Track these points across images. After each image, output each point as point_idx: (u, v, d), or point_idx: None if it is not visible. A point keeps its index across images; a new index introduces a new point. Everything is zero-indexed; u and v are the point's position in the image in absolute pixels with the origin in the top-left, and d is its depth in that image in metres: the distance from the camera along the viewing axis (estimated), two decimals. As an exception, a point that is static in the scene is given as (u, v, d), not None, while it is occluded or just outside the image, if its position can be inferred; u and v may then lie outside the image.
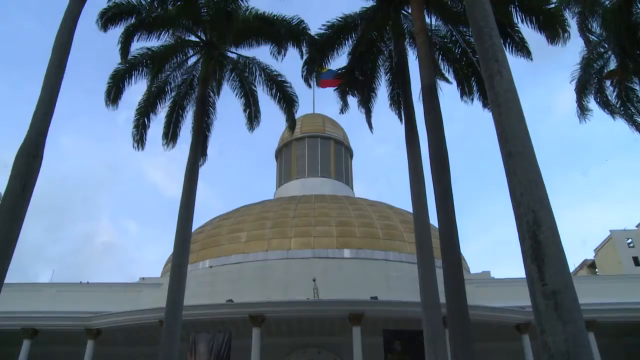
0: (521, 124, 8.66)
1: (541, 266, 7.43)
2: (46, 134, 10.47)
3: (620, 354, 24.87)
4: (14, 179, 9.37)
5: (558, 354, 6.86)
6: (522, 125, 8.64)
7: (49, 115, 10.65)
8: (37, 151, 9.94)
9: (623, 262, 55.17)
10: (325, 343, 25.44)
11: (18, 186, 9.06)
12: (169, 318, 15.25)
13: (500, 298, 24.75)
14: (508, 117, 8.70)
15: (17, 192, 8.98)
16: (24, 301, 25.51)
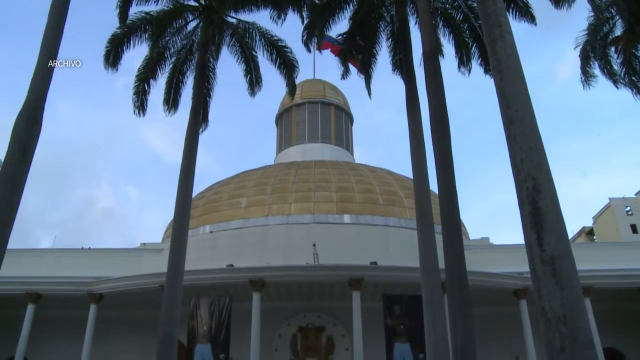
0: (523, 90, 8.61)
1: (540, 232, 7.47)
2: (45, 99, 10.41)
3: (615, 319, 25.22)
4: (14, 144, 9.35)
5: (555, 319, 6.94)
6: (523, 92, 8.59)
7: (47, 80, 10.56)
8: (36, 116, 9.89)
9: (621, 230, 55.48)
10: (325, 307, 25.73)
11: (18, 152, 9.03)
12: (170, 283, 15.38)
13: (499, 264, 24.99)
14: (510, 83, 8.64)
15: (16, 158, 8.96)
16: (27, 266, 25.77)
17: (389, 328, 22.06)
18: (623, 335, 25.87)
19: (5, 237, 8.94)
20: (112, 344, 25.86)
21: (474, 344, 11.50)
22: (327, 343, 25.40)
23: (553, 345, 6.86)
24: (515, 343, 24.43)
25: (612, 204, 58.08)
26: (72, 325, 25.39)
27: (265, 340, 23.71)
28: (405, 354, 21.60)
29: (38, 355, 26.17)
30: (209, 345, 21.93)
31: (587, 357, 6.71)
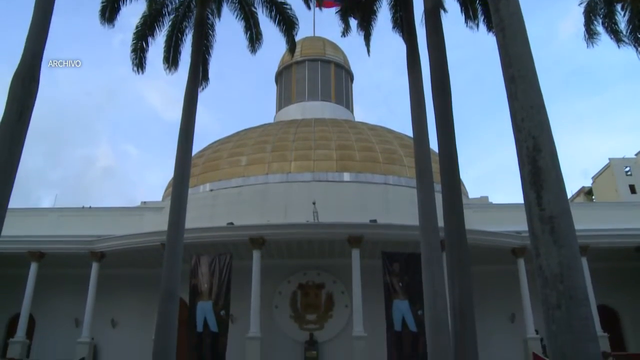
0: (525, 48, 8.50)
1: (540, 191, 7.48)
2: (41, 56, 10.29)
3: (610, 277, 25.51)
4: (11, 103, 9.28)
5: (552, 277, 7.01)
6: (525, 50, 8.49)
7: (42, 37, 10.42)
8: (33, 75, 9.79)
9: (620, 190, 55.53)
10: (325, 265, 25.98)
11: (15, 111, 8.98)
12: (171, 241, 15.48)
13: (498, 223, 25.15)
14: (512, 41, 8.53)
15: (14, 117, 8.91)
16: (29, 226, 25.96)
17: (388, 285, 22.31)
18: (617, 293, 26.21)
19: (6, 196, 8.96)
20: (115, 301, 26.22)
21: (471, 301, 11.65)
22: (327, 300, 25.74)
23: (549, 302, 6.95)
24: (512, 301, 24.77)
25: (611, 164, 57.99)
26: (75, 283, 25.71)
27: (266, 297, 24.02)
28: (404, 311, 21.90)
29: (43, 312, 26.58)
30: (210, 302, 22.22)
31: (581, 314, 6.80)
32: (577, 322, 6.70)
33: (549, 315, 6.92)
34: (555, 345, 6.80)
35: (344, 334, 24.08)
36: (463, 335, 11.28)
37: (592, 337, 6.84)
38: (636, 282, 25.90)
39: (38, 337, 26.29)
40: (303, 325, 25.35)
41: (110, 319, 26.29)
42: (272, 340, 23.65)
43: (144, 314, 24.65)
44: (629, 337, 26.49)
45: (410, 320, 21.84)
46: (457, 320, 11.57)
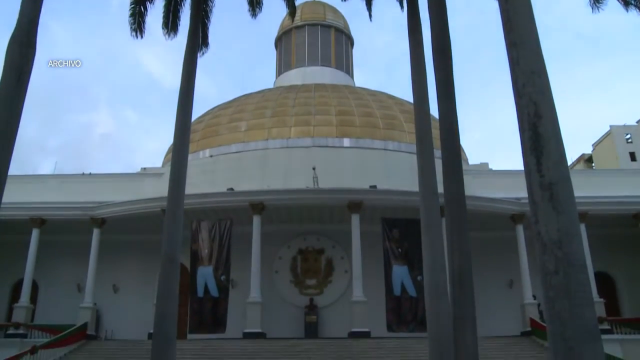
0: (527, 13, 8.36)
1: (539, 158, 7.44)
2: (37, 21, 10.13)
3: (608, 244, 25.65)
4: (8, 69, 9.17)
5: (550, 243, 7.02)
6: (528, 15, 8.35)
7: (38, 2, 10.25)
8: (29, 40, 9.66)
9: (620, 158, 55.41)
10: (325, 230, 26.11)
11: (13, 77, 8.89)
12: (171, 206, 15.48)
13: (497, 189, 25.20)
14: (514, 6, 8.39)
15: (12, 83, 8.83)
16: (30, 192, 26.00)
17: (388, 251, 22.47)
18: (614, 260, 26.41)
19: (6, 163, 8.93)
20: (117, 267, 26.42)
21: (470, 267, 11.71)
22: (327, 265, 25.95)
23: (547, 268, 6.97)
24: (510, 267, 24.96)
25: (612, 132, 57.76)
26: (77, 249, 25.85)
27: (266, 262, 24.20)
28: (403, 276, 22.10)
29: (45, 278, 26.81)
30: (211, 267, 22.42)
31: (579, 280, 6.84)
32: (575, 288, 6.74)
33: (547, 281, 6.96)
34: (552, 311, 6.85)
35: (344, 299, 24.34)
36: (461, 301, 11.38)
37: (588, 303, 6.89)
38: (633, 249, 26.06)
39: (42, 303, 26.58)
40: (303, 290, 25.61)
41: (112, 285, 26.54)
42: (272, 305, 23.90)
43: (145, 280, 24.87)
44: (624, 302, 26.80)
45: (409, 286, 22.06)
46: (455, 285, 11.65)
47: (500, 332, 22.85)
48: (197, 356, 20.29)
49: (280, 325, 23.68)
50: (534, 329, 22.70)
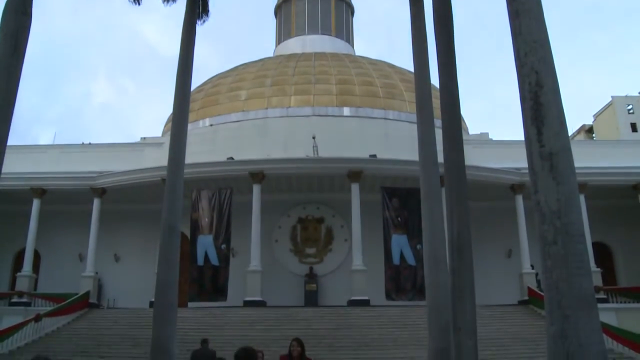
0: (530, -20, 8.26)
1: (540, 127, 7.42)
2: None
3: (606, 215, 25.73)
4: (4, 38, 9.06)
5: (549, 213, 7.05)
6: (531, -19, 8.25)
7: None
8: (25, 8, 9.54)
9: (620, 128, 55.23)
10: (325, 199, 26.18)
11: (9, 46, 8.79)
12: (171, 176, 15.49)
13: (497, 159, 25.16)
14: (517, -27, 8.27)
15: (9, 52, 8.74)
16: (30, 162, 26.01)
17: (387, 220, 22.57)
18: (612, 230, 26.54)
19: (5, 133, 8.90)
20: (118, 236, 26.55)
21: (469, 236, 11.75)
22: (326, 234, 26.08)
23: (546, 238, 7.01)
24: (509, 236, 25.08)
25: (614, 102, 57.46)
26: (78, 219, 25.96)
27: (266, 231, 24.32)
28: (402, 245, 22.23)
29: (47, 247, 26.97)
30: (211, 236, 22.53)
31: (577, 250, 6.88)
32: (572, 258, 6.79)
33: (545, 251, 7.00)
34: (550, 280, 6.91)
35: (343, 268, 24.52)
36: (460, 269, 11.44)
37: (586, 272, 6.94)
38: (631, 219, 26.15)
39: (44, 272, 26.80)
40: (303, 259, 25.79)
41: (113, 254, 26.71)
42: (272, 273, 24.08)
43: (146, 249, 25.00)
44: (620, 272, 27.04)
45: (409, 254, 22.20)
46: (454, 254, 11.70)
47: (498, 301, 23.08)
48: (198, 324, 20.51)
49: (280, 294, 23.88)
50: (531, 297, 22.93)
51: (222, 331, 19.20)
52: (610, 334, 18.01)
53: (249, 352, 5.05)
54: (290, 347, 7.92)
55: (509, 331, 20.18)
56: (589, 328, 6.63)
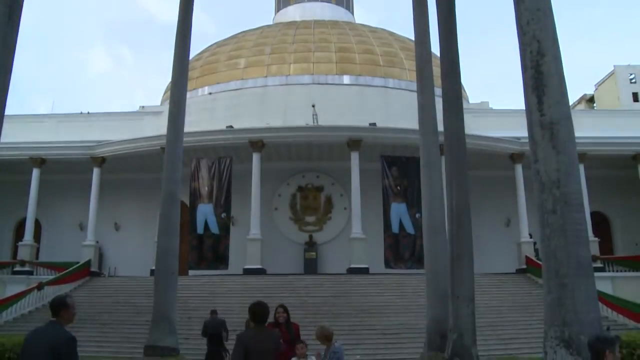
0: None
1: (541, 96, 7.40)
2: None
3: (605, 185, 25.77)
4: (-1, 4, 8.95)
5: (549, 182, 7.07)
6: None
7: None
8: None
9: (622, 98, 54.79)
10: (324, 168, 26.19)
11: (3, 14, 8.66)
12: (170, 144, 15.47)
13: (497, 128, 25.06)
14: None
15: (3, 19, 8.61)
16: (29, 132, 25.89)
17: (387, 188, 22.62)
18: (610, 200, 26.62)
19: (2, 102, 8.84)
20: (118, 206, 26.59)
21: (468, 205, 11.79)
22: (326, 202, 26.15)
23: (545, 207, 7.04)
24: (508, 206, 25.17)
25: (616, 71, 56.93)
26: (78, 188, 25.99)
27: (266, 200, 24.39)
28: (401, 214, 22.32)
29: (48, 216, 27.09)
30: (211, 205, 22.60)
31: (576, 219, 6.92)
32: (571, 227, 6.83)
33: (544, 220, 7.04)
34: (548, 249, 6.96)
35: (343, 236, 24.65)
36: (459, 238, 11.51)
37: (584, 241, 6.99)
38: (629, 189, 26.19)
39: (45, 241, 26.94)
40: (302, 227, 25.91)
41: (114, 223, 26.80)
42: (272, 241, 24.20)
43: (146, 217, 25.07)
44: (618, 241, 27.23)
45: (408, 223, 22.30)
46: (453, 222, 11.75)
47: (496, 269, 23.27)
48: (199, 291, 20.72)
49: (280, 262, 24.05)
50: (529, 266, 23.13)
51: (222, 299, 19.40)
52: (605, 302, 18.23)
53: (262, 305, 5.24)
54: (275, 313, 7.99)
55: (507, 299, 20.41)
56: (585, 296, 6.71)
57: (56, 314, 4.20)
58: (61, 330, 4.18)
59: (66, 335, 4.16)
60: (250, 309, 5.21)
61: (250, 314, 5.16)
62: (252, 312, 5.22)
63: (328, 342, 6.53)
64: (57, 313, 4.20)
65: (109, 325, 18.70)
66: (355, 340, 16.85)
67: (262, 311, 5.28)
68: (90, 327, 18.61)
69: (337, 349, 6.43)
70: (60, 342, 4.09)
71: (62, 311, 4.20)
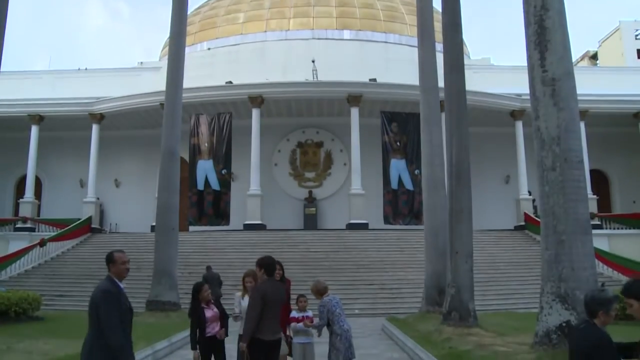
0: None
1: (544, 52, 7.33)
2: None
3: (605, 143, 25.71)
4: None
5: (549, 139, 7.06)
6: None
7: None
8: None
9: (626, 55, 53.86)
10: (324, 124, 26.08)
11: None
12: (169, 100, 15.40)
13: (498, 85, 24.84)
14: None
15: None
16: (26, 89, 25.68)
17: (386, 145, 22.60)
18: (610, 158, 26.57)
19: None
20: (118, 162, 26.53)
21: (468, 161, 11.79)
22: (326, 158, 26.14)
23: (545, 164, 7.06)
24: (507, 162, 25.14)
25: (621, 27, 55.87)
26: (77, 145, 25.89)
27: (265, 155, 24.36)
28: (400, 170, 22.35)
29: (48, 174, 27.09)
30: (211, 161, 22.60)
31: (575, 176, 6.94)
32: (570, 184, 6.86)
33: (543, 177, 7.06)
34: (546, 205, 7.00)
35: (342, 191, 24.73)
36: (458, 194, 11.55)
37: (582, 199, 7.03)
38: (629, 147, 26.13)
39: (46, 198, 27.00)
40: (302, 183, 25.96)
41: (114, 180, 26.79)
42: (272, 197, 24.29)
43: (146, 174, 25.07)
44: (616, 199, 27.32)
45: (407, 179, 22.36)
46: (453, 178, 11.78)
47: (494, 226, 23.44)
48: (199, 247, 20.91)
49: (280, 217, 24.19)
50: (527, 223, 23.28)
51: (223, 254, 19.60)
52: (601, 259, 18.39)
53: (272, 259, 5.58)
54: None
55: (505, 255, 20.63)
56: (583, 253, 6.79)
57: (108, 268, 4.38)
58: (103, 283, 4.35)
59: (100, 288, 4.32)
60: (262, 263, 5.50)
61: (262, 268, 5.42)
62: (265, 265, 5.49)
63: (320, 297, 6.69)
64: (107, 267, 4.38)
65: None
66: (355, 295, 17.10)
67: (273, 264, 5.58)
68: (92, 282, 18.80)
69: (323, 302, 6.59)
70: (96, 293, 4.28)
71: (110, 265, 4.37)
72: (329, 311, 6.58)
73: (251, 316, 5.31)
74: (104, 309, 4.18)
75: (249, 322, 5.31)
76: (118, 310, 4.23)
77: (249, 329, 5.30)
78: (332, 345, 6.58)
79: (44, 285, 18.48)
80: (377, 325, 13.72)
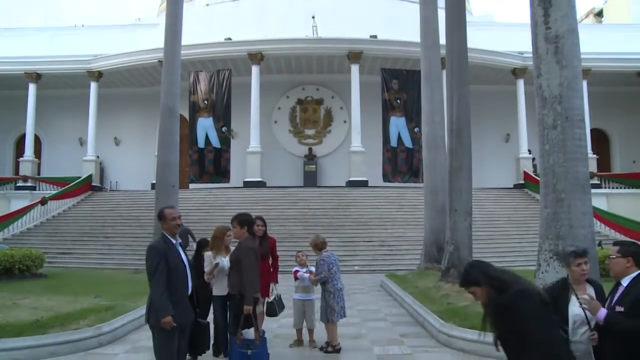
0: None
1: (547, 8, 7.21)
2: None
3: (607, 102, 25.52)
4: None
5: (550, 97, 7.01)
6: None
7: None
8: None
9: (633, 11, 52.83)
10: (324, 81, 25.89)
11: None
12: (168, 57, 15.22)
13: (500, 42, 24.47)
14: None
15: None
16: (22, 46, 25.33)
17: (386, 102, 22.49)
18: (611, 117, 26.41)
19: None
20: (117, 120, 26.40)
21: (469, 118, 11.77)
22: (326, 115, 26.03)
23: (545, 122, 7.03)
24: (508, 121, 25.04)
25: (629, -17, 54.71)
26: (76, 103, 25.69)
27: (265, 113, 24.25)
28: (400, 128, 22.30)
29: (47, 132, 27.00)
30: (211, 119, 22.50)
31: (576, 134, 6.92)
32: (571, 143, 6.85)
33: (544, 135, 7.04)
34: (546, 164, 7.00)
35: (342, 149, 24.72)
36: (458, 151, 11.56)
37: (582, 157, 7.03)
38: (631, 107, 25.97)
39: (46, 156, 26.99)
40: (302, 140, 25.91)
41: (114, 137, 26.71)
42: (272, 154, 24.29)
43: (145, 131, 25.01)
44: (616, 158, 27.30)
45: (406, 137, 22.33)
46: (453, 136, 11.77)
47: (494, 184, 23.54)
48: (200, 204, 21.03)
49: (280, 175, 24.23)
50: (526, 181, 23.35)
51: (222, 211, 19.69)
52: (599, 218, 18.47)
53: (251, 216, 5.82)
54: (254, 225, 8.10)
55: (503, 213, 20.76)
56: (581, 211, 6.82)
57: (160, 226, 4.55)
58: (155, 239, 4.64)
59: (150, 244, 4.57)
60: (243, 220, 5.62)
61: (245, 225, 5.48)
62: (248, 222, 5.63)
63: (318, 251, 6.79)
64: (160, 225, 4.54)
65: (112, 239, 19.12)
66: (354, 252, 17.30)
67: (252, 221, 5.81)
68: (94, 240, 19.06)
69: (323, 256, 6.70)
70: (146, 249, 4.48)
71: (161, 223, 4.50)
72: (328, 266, 6.71)
73: (254, 277, 5.32)
74: (148, 264, 4.44)
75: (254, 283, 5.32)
76: (165, 266, 4.38)
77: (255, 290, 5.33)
78: (326, 303, 6.73)
79: (46, 243, 18.67)
80: (376, 281, 13.91)
